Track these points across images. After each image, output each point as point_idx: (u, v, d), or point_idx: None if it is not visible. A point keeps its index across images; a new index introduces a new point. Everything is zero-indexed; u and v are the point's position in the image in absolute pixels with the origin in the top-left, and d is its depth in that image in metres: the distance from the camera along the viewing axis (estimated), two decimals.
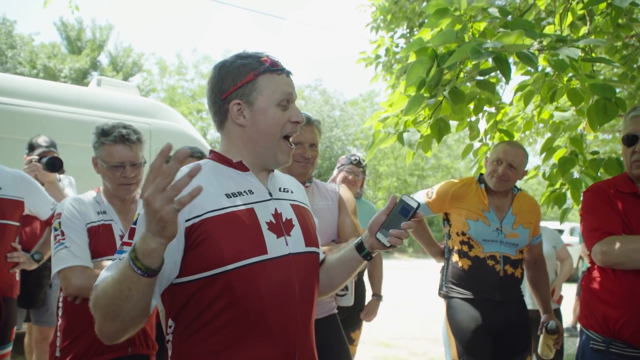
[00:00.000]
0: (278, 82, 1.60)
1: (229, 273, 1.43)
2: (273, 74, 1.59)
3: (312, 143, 2.69)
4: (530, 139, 8.82)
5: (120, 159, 2.42)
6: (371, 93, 33.88)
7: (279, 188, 1.70)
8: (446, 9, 2.76)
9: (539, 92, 3.55)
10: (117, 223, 2.48)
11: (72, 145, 6.00)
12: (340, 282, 1.83)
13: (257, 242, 1.49)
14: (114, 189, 2.47)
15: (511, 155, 3.08)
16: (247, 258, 1.45)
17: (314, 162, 2.73)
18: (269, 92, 1.58)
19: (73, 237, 2.32)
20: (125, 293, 1.31)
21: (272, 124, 1.58)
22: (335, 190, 2.89)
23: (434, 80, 2.83)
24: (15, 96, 5.91)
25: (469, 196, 3.13)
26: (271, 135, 1.58)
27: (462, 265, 3.06)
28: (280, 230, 1.56)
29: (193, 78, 31.28)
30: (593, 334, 2.46)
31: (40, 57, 26.63)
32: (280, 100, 1.58)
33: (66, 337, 2.37)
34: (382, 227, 1.63)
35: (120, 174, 2.42)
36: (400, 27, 7.20)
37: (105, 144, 2.41)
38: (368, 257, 1.72)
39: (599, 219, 2.46)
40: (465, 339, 2.96)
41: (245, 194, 1.56)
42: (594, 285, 2.50)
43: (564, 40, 2.74)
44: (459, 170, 31.32)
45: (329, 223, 2.75)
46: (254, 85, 1.57)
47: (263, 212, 1.55)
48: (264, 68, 1.59)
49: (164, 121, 6.87)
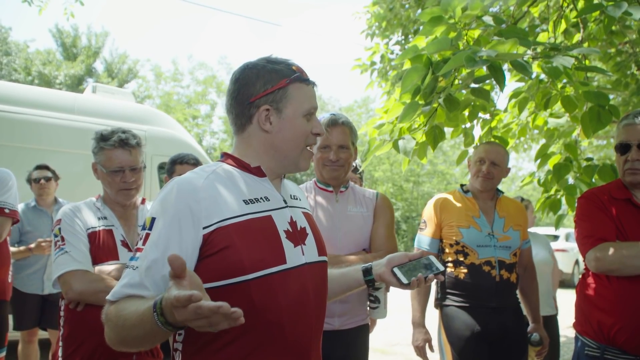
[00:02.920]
0: (306, 92, 1.58)
1: (249, 282, 1.39)
2: (302, 83, 1.57)
3: (341, 145, 2.61)
4: (525, 145, 8.85)
5: (120, 163, 2.40)
6: (366, 99, 33.94)
7: (290, 195, 1.68)
8: (441, 17, 2.77)
9: (533, 98, 3.58)
10: (118, 228, 2.46)
11: (67, 152, 6.00)
12: (333, 295, 1.81)
13: (277, 251, 1.46)
14: (114, 194, 2.46)
15: (492, 153, 3.12)
16: (267, 268, 1.42)
17: (344, 163, 2.65)
18: (298, 102, 1.55)
19: (73, 242, 2.30)
20: (148, 338, 1.29)
21: (298, 134, 1.56)
22: (372, 197, 2.79)
23: (429, 87, 2.84)
24: (11, 103, 5.90)
25: (455, 206, 3.14)
26: (296, 145, 1.57)
27: (457, 274, 3.06)
28: (297, 239, 1.54)
29: (189, 84, 31.28)
30: (588, 341, 2.47)
31: (36, 63, 26.57)
32: (307, 111, 1.57)
33: (69, 345, 2.34)
34: (400, 266, 1.70)
35: (120, 178, 2.40)
36: (395, 34, 7.25)
37: (104, 149, 2.40)
38: (370, 283, 1.76)
39: (593, 226, 2.47)
40: (460, 347, 2.96)
41: (262, 201, 1.52)
42: (589, 292, 2.51)
43: (558, 49, 2.76)
44: (454, 176, 31.38)
45: (361, 231, 2.68)
46: (285, 92, 1.54)
47: (280, 220, 1.52)
48: (295, 77, 1.56)
49: (159, 128, 6.87)
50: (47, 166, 4.79)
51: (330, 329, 2.51)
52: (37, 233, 4.53)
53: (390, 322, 8.98)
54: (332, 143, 2.60)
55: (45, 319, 4.65)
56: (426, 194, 30.18)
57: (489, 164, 3.10)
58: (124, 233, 2.47)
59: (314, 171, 2.73)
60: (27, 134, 5.85)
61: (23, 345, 4.79)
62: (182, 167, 3.36)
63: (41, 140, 5.93)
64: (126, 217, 2.52)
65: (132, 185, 2.44)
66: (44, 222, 4.63)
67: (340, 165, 2.64)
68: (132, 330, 1.28)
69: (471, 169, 3.20)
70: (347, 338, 2.61)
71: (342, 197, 2.72)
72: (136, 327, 1.26)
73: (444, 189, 29.64)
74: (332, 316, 2.52)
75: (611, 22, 3.12)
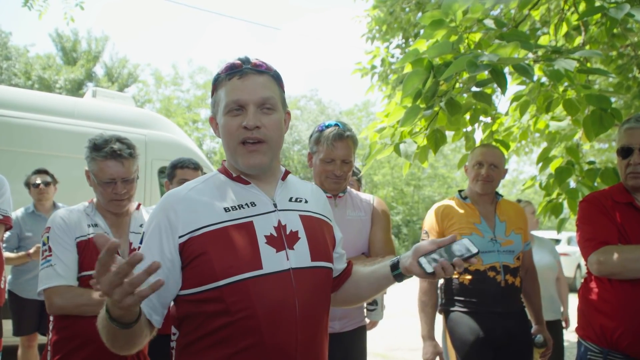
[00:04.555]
0: (228, 88, 1.51)
1: (222, 288, 1.40)
2: (228, 80, 1.52)
3: (344, 159, 2.62)
4: (527, 149, 8.85)
5: (112, 175, 2.34)
6: (367, 103, 33.96)
7: (290, 198, 1.63)
8: (442, 21, 2.76)
9: (534, 102, 3.56)
10: (109, 235, 2.44)
11: (67, 157, 5.98)
12: (368, 295, 1.79)
13: (252, 256, 1.44)
14: (105, 204, 2.43)
15: (490, 155, 3.10)
16: (239, 273, 1.41)
17: (346, 177, 2.68)
18: (221, 102, 1.53)
19: (59, 254, 2.29)
20: (113, 337, 1.36)
21: (226, 134, 1.52)
22: (369, 201, 2.81)
23: (430, 91, 2.83)
24: (11, 108, 5.89)
25: (456, 213, 3.12)
26: (229, 145, 1.53)
27: (462, 280, 3.03)
28: (281, 244, 1.50)
29: (189, 89, 31.31)
30: (591, 345, 2.45)
31: (35, 68, 26.60)
32: (227, 107, 1.51)
33: (56, 352, 2.33)
34: (427, 255, 1.57)
35: (112, 189, 2.36)
36: (395, 38, 7.24)
37: (96, 159, 2.34)
38: (399, 278, 1.65)
39: (595, 229, 2.46)
40: (465, 352, 2.94)
41: (247, 207, 1.52)
42: (591, 296, 2.49)
43: (560, 52, 2.75)
44: (455, 179, 31.37)
45: (360, 235, 2.69)
46: (216, 98, 1.55)
47: (263, 225, 1.50)
48: (217, 78, 1.55)
49: (159, 132, 6.86)
50: (46, 171, 4.78)
51: (330, 332, 2.51)
52: (35, 238, 4.51)
53: (391, 327, 8.96)
54: (337, 157, 2.61)
55: (44, 324, 4.62)
56: (427, 197, 30.14)
57: (487, 167, 3.08)
58: None
59: (313, 178, 2.73)
60: (27, 138, 5.83)
61: (23, 350, 4.78)
62: (182, 172, 3.37)
63: (41, 145, 5.91)
64: (118, 224, 2.49)
65: (123, 196, 2.40)
66: (43, 228, 4.60)
67: (343, 179, 2.67)
68: (108, 336, 1.36)
69: (469, 173, 3.18)
70: (346, 341, 2.62)
71: (341, 202, 2.73)
72: (109, 335, 1.35)
73: (444, 192, 29.61)
74: (332, 319, 2.51)
75: (613, 25, 3.12)
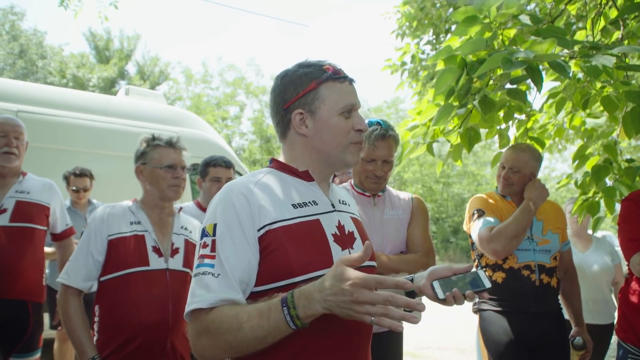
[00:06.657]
0: (340, 90, 1.57)
1: (297, 285, 1.37)
2: (335, 82, 1.57)
3: (385, 159, 2.64)
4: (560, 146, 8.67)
5: (173, 160, 2.54)
6: (396, 100, 33.69)
7: (339, 200, 1.68)
8: (475, 17, 2.71)
9: (570, 98, 3.48)
10: (151, 234, 2.49)
11: (100, 154, 6.09)
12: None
13: (325, 254, 1.47)
14: (163, 189, 2.52)
15: (511, 159, 3.09)
16: (315, 270, 1.43)
17: (386, 177, 2.69)
18: (332, 101, 1.55)
19: (80, 255, 2.43)
20: (268, 340, 1.31)
21: (337, 133, 1.55)
22: (408, 200, 2.83)
23: (463, 89, 2.78)
24: (46, 106, 6.02)
25: (496, 206, 3.10)
26: (337, 144, 1.56)
27: (496, 278, 2.99)
28: (344, 243, 1.54)
29: (218, 86, 31.49)
30: (631, 347, 2.40)
31: (70, 66, 27.13)
32: (342, 109, 1.55)
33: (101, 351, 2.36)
34: (441, 280, 1.60)
35: (173, 174, 2.51)
36: (426, 34, 7.17)
37: (158, 147, 2.54)
38: (411, 295, 1.66)
39: (637, 229, 2.40)
40: (498, 353, 2.89)
41: (310, 205, 1.54)
42: (633, 298, 2.44)
43: (597, 47, 2.68)
44: (485, 177, 30.93)
45: (398, 233, 2.71)
46: (316, 94, 1.55)
47: (328, 224, 1.54)
48: (326, 76, 1.56)
49: (190, 129, 6.93)
50: (87, 174, 4.88)
51: None
52: None
53: (420, 325, 8.89)
54: (378, 157, 2.61)
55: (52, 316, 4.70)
56: (456, 195, 29.81)
57: (507, 170, 3.09)
58: (157, 239, 2.49)
59: (353, 176, 2.73)
60: (62, 135, 5.96)
61: (59, 344, 4.88)
62: (215, 170, 3.45)
63: (75, 142, 6.03)
64: (161, 223, 2.56)
65: (182, 182, 2.56)
66: (79, 224, 4.70)
67: (383, 179, 2.67)
68: (250, 332, 1.30)
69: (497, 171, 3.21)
70: (381, 341, 2.60)
71: (380, 201, 2.74)
72: (258, 337, 1.30)
73: (474, 190, 29.22)
74: None
75: None
